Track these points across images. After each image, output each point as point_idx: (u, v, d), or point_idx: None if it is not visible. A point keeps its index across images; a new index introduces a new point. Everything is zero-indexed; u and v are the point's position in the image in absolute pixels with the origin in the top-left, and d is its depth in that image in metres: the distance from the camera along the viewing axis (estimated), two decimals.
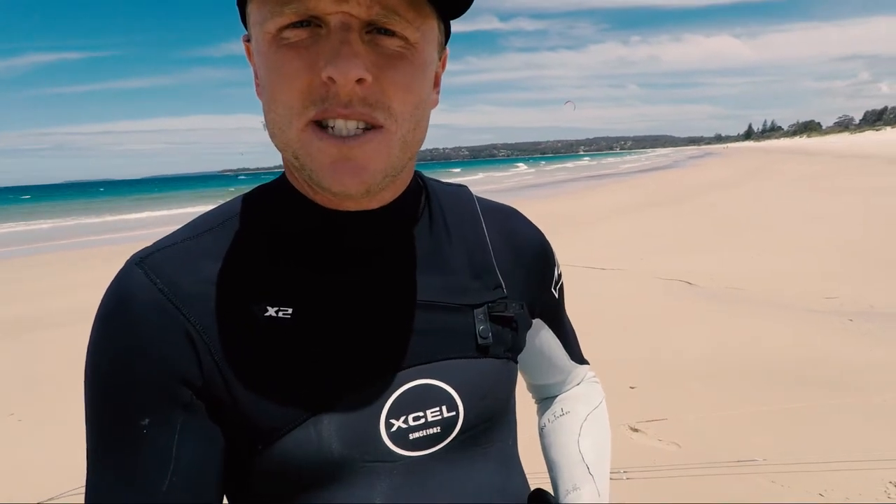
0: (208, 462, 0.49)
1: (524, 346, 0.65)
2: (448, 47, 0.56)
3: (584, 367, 0.80)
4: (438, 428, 0.53)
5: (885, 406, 2.69)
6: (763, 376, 3.13)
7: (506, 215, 0.67)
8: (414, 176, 0.59)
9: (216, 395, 0.49)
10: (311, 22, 0.44)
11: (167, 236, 0.54)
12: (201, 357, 0.48)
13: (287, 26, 0.44)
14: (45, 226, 18.99)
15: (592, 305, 4.75)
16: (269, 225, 0.54)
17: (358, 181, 0.46)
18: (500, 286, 0.60)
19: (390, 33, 0.45)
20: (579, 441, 0.71)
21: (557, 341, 0.74)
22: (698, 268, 5.79)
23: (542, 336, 0.71)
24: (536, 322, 0.69)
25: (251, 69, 0.52)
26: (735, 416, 2.73)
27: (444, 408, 0.54)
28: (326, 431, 0.49)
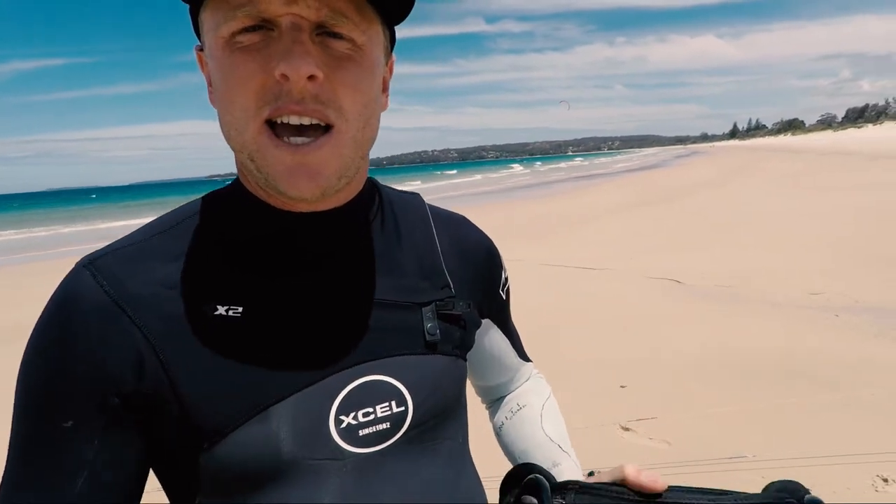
0: (127, 471, 0.49)
1: (473, 344, 0.66)
2: (394, 54, 0.59)
3: (530, 364, 0.84)
4: (388, 423, 0.54)
5: (872, 401, 2.73)
6: (752, 373, 3.16)
7: (456, 222, 0.70)
8: (368, 181, 0.62)
9: (160, 396, 0.49)
10: (262, 26, 0.46)
11: (121, 239, 0.54)
12: (145, 359, 0.48)
13: (240, 31, 0.46)
14: (42, 233, 18.52)
15: (583, 305, 4.77)
16: (222, 227, 0.55)
17: (313, 185, 0.49)
18: (448, 286, 0.62)
19: (338, 36, 0.47)
20: (543, 427, 0.75)
21: (506, 340, 0.76)
22: (687, 266, 5.84)
23: (492, 336, 0.74)
24: (486, 323, 0.71)
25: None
26: (725, 413, 2.75)
27: (392, 403, 0.54)
28: (274, 428, 0.49)
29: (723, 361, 3.35)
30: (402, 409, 0.55)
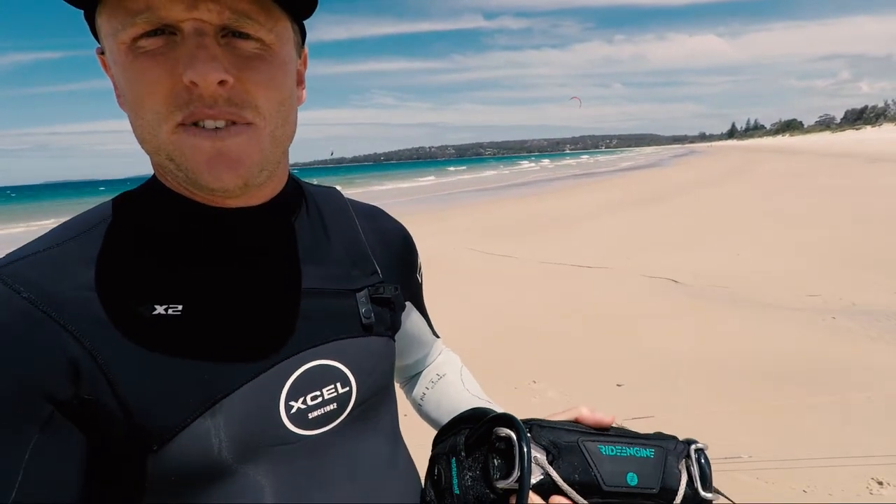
0: (64, 480, 0.46)
1: (400, 325, 0.71)
2: (306, 47, 0.59)
3: (439, 340, 0.90)
4: (335, 404, 0.57)
5: (867, 404, 2.73)
6: (748, 374, 3.16)
7: (374, 213, 0.74)
8: (290, 178, 0.63)
9: (100, 401, 0.47)
10: (164, 30, 0.45)
11: (20, 248, 0.50)
12: (80, 363, 0.46)
13: (141, 36, 0.45)
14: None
15: (580, 303, 4.77)
16: (146, 226, 0.53)
17: (234, 175, 0.48)
18: (377, 272, 0.66)
19: (245, 36, 0.47)
20: (468, 389, 0.84)
21: (423, 320, 0.82)
22: (684, 266, 5.84)
23: (412, 318, 0.78)
24: (408, 305, 0.75)
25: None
26: (721, 413, 2.75)
27: (338, 384, 0.57)
28: (225, 421, 0.49)
29: (719, 362, 3.35)
30: (347, 389, 0.58)
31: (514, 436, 0.51)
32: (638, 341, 3.80)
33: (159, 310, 0.49)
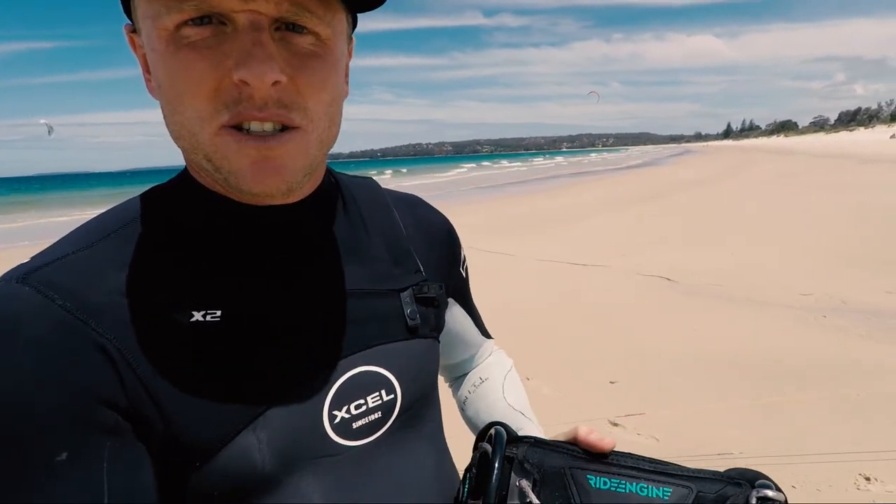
0: (145, 488, 0.44)
1: (444, 325, 0.67)
2: (353, 37, 0.55)
3: (490, 340, 0.85)
4: (379, 413, 0.54)
5: (857, 401, 2.77)
6: (740, 371, 3.19)
7: (414, 203, 0.70)
8: (326, 169, 0.59)
9: (144, 414, 0.44)
10: (212, 18, 0.41)
11: (44, 252, 0.47)
12: (122, 374, 0.43)
13: (185, 22, 0.40)
14: (62, 219, 16.68)
15: (576, 301, 4.79)
16: (180, 226, 0.50)
17: (279, 180, 0.45)
18: (420, 269, 0.62)
19: (300, 30, 0.43)
20: (506, 397, 0.77)
21: (468, 318, 0.77)
22: (679, 264, 5.87)
23: (455, 314, 0.74)
24: (450, 301, 0.71)
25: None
26: (712, 410, 2.77)
27: (382, 392, 0.54)
28: (268, 434, 0.47)
29: (712, 359, 3.38)
30: (392, 396, 0.55)
31: (489, 450, 0.49)
32: (632, 339, 3.82)
33: (197, 316, 0.46)
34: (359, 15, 0.52)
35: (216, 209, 0.50)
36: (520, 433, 0.69)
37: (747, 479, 0.45)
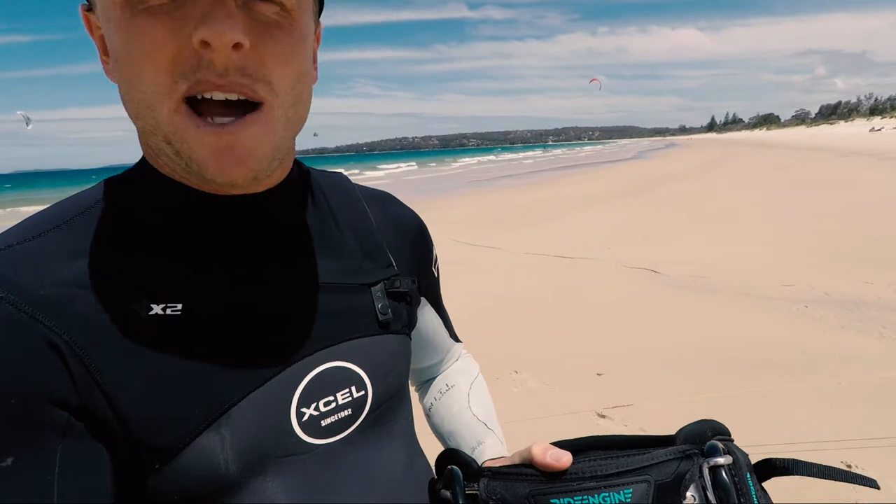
0: (100, 490, 0.42)
1: (416, 321, 0.66)
2: (321, 22, 0.54)
3: (459, 344, 0.83)
4: (349, 410, 0.52)
5: (838, 389, 2.81)
6: (724, 362, 3.23)
7: (385, 200, 0.68)
8: (295, 162, 0.57)
9: (98, 413, 0.41)
10: None
11: None
12: (73, 372, 0.40)
13: None
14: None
15: (562, 294, 4.81)
16: (138, 216, 0.47)
17: (245, 169, 0.43)
18: (392, 264, 0.60)
19: None
20: (470, 407, 0.75)
21: (439, 319, 0.75)
22: (664, 257, 5.92)
23: (426, 315, 0.72)
24: (421, 301, 0.69)
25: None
26: (698, 400, 2.80)
27: (352, 388, 0.53)
28: (232, 434, 0.45)
29: (697, 350, 3.42)
30: (362, 393, 0.53)
31: (450, 496, 0.48)
32: (618, 331, 3.85)
33: (156, 309, 0.44)
34: (337, 7, 0.51)
35: (176, 198, 0.48)
36: (479, 447, 0.68)
37: (700, 445, 0.44)
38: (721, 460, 0.42)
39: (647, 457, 0.44)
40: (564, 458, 0.46)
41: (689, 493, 0.42)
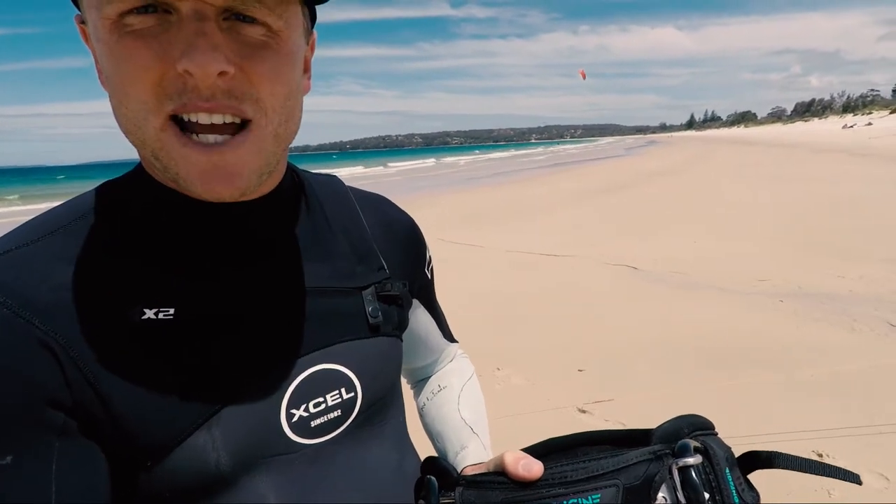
0: (96, 488, 0.43)
1: (408, 324, 0.67)
2: (315, 31, 0.54)
3: (454, 345, 0.84)
4: (339, 411, 0.54)
5: (811, 381, 2.89)
6: (702, 356, 3.30)
7: (378, 202, 0.69)
8: (288, 167, 0.58)
9: (91, 413, 0.43)
10: (157, 7, 0.39)
11: None
12: (68, 374, 0.42)
13: (129, 11, 0.39)
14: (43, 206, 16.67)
15: (544, 291, 4.85)
16: (133, 221, 0.48)
17: (232, 188, 0.44)
18: (383, 267, 0.61)
19: (250, 20, 0.42)
20: (459, 410, 0.75)
21: (432, 321, 0.76)
22: (643, 253, 6.01)
23: (419, 317, 0.73)
24: (414, 302, 0.70)
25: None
26: (676, 394, 2.86)
27: (342, 390, 0.54)
28: (223, 434, 0.46)
29: (675, 345, 3.48)
30: (352, 395, 0.55)
31: None
32: (599, 327, 3.90)
33: (149, 314, 0.45)
34: (323, 4, 0.52)
35: (170, 205, 0.49)
36: (462, 452, 0.69)
37: (672, 445, 0.44)
38: (690, 460, 0.42)
39: (617, 460, 0.44)
40: (535, 468, 0.46)
41: (660, 495, 0.42)
